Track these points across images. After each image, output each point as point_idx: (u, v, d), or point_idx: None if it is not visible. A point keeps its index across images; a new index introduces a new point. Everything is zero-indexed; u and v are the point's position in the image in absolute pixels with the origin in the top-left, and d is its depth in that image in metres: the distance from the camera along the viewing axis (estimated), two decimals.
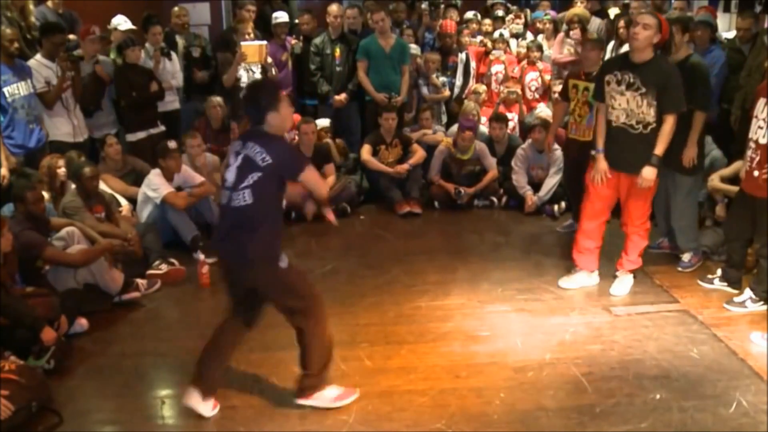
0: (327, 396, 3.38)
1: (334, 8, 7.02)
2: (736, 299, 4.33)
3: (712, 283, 4.60)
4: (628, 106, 4.16)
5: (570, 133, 5.52)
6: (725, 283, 4.55)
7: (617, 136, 4.26)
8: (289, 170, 3.14)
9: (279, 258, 3.20)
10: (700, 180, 4.93)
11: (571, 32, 7.36)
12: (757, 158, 4.11)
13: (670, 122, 4.12)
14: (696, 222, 4.98)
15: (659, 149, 4.14)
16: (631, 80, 4.12)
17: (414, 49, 7.28)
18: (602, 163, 4.35)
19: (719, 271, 4.62)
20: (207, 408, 3.34)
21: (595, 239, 4.57)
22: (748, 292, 4.30)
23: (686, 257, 4.89)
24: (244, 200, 3.10)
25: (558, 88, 6.43)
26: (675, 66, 4.19)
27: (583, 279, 4.65)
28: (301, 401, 3.39)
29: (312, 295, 3.31)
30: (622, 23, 7.17)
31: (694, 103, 4.45)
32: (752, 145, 4.17)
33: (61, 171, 4.99)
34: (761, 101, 4.13)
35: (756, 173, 4.12)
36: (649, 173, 4.17)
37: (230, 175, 3.17)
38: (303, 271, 3.38)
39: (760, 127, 4.10)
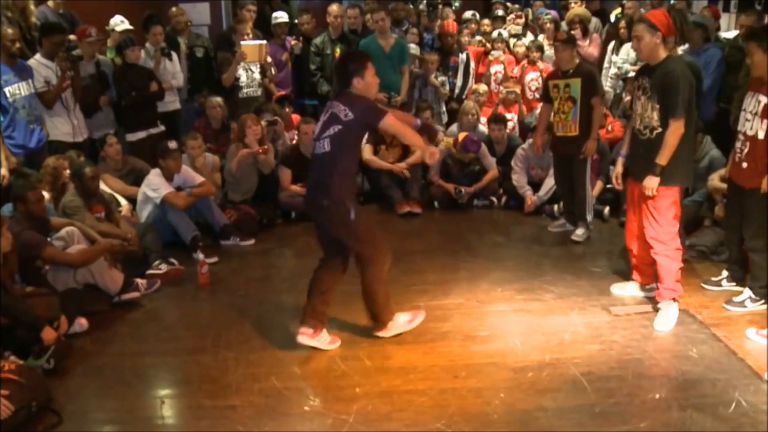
0: (400, 322, 3.97)
1: (334, 8, 7.04)
2: (735, 299, 4.31)
3: (720, 285, 4.52)
4: (642, 110, 4.10)
5: (557, 131, 5.53)
6: (734, 283, 4.48)
7: (634, 141, 4.21)
8: (371, 118, 3.58)
9: (349, 205, 3.63)
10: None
11: (573, 32, 7.36)
12: (746, 149, 4.13)
13: (670, 127, 3.92)
14: None
15: (660, 157, 3.94)
16: (646, 84, 4.07)
17: (413, 49, 7.28)
18: (618, 167, 4.39)
19: (724, 272, 4.57)
20: (323, 342, 3.83)
21: (639, 257, 4.37)
22: (747, 292, 4.28)
23: None
24: (324, 148, 3.60)
25: None
26: (681, 67, 4.00)
27: (634, 290, 4.51)
28: (379, 334, 3.94)
29: (376, 244, 3.75)
30: (622, 24, 7.19)
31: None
32: (741, 137, 4.19)
33: (67, 172, 4.99)
34: (748, 94, 4.17)
35: (744, 164, 4.14)
36: (649, 182, 3.99)
37: (317, 128, 3.73)
38: (373, 222, 3.73)
39: (747, 120, 4.12)
